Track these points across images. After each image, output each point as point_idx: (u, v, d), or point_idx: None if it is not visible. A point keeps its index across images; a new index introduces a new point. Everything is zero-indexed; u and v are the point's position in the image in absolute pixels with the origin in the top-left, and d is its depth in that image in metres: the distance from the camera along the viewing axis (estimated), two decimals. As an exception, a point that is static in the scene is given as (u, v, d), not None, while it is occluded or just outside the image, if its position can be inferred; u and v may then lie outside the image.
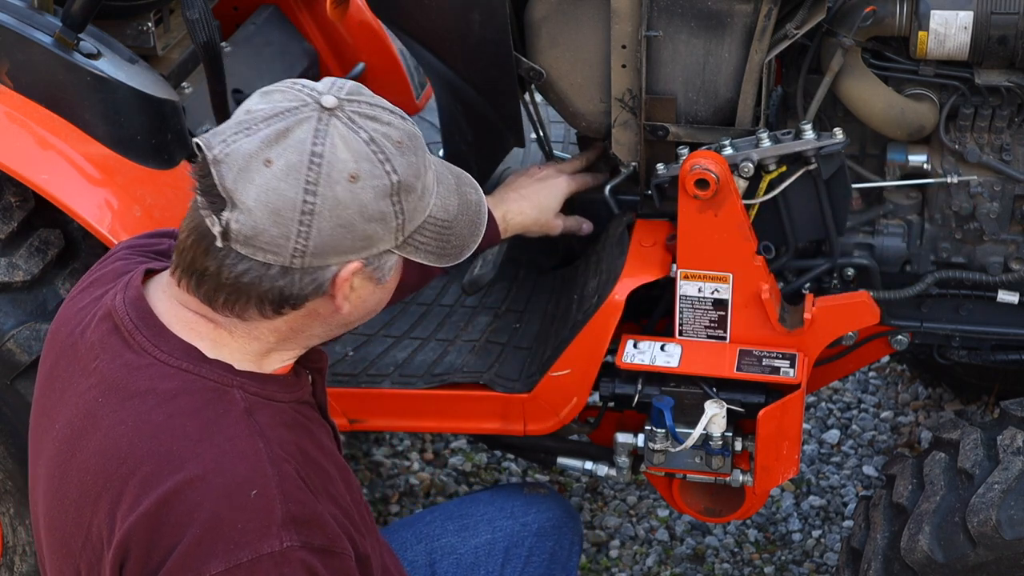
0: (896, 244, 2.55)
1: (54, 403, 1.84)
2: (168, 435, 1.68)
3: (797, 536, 3.46)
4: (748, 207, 2.39)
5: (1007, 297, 2.53)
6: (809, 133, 2.35)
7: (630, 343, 2.48)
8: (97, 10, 2.49)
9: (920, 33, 2.33)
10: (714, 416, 2.40)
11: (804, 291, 2.51)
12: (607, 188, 2.66)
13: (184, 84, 2.84)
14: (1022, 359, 2.67)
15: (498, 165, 2.81)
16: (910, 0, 2.36)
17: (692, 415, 2.43)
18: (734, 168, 2.34)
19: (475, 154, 2.73)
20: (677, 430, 2.42)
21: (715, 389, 2.45)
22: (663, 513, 3.53)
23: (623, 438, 2.58)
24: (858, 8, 2.37)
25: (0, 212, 2.51)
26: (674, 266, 2.45)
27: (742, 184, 2.36)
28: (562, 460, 2.71)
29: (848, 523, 3.47)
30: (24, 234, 2.53)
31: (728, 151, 2.35)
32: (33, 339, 2.48)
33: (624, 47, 2.43)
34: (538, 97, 2.76)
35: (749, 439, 2.47)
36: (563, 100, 2.55)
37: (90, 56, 2.50)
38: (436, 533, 2.46)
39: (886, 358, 3.96)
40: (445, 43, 2.56)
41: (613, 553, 3.42)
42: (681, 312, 2.47)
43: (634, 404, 2.50)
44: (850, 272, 2.55)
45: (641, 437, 2.51)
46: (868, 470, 3.65)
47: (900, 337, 2.65)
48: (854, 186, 2.48)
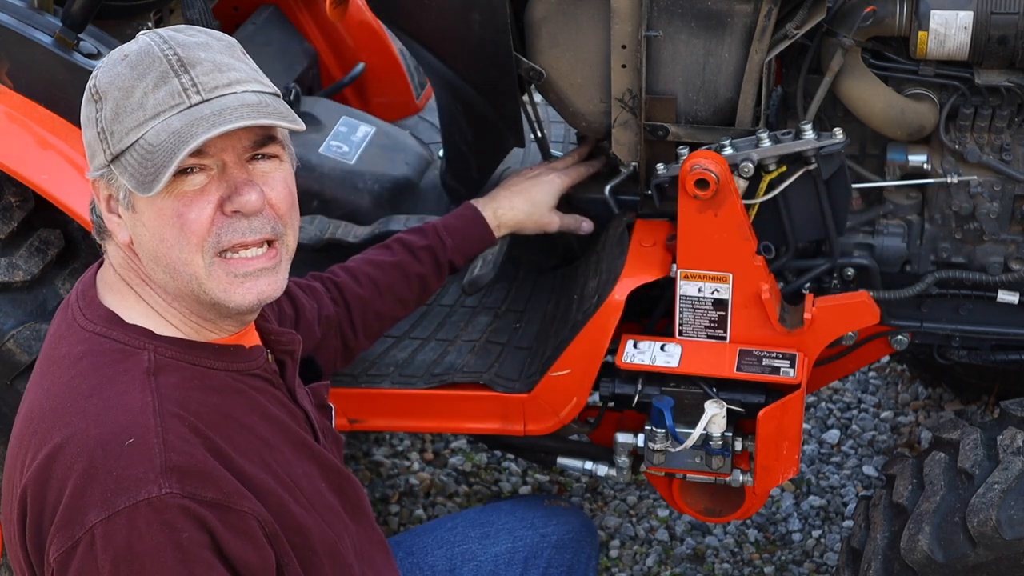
0: (896, 244, 2.55)
1: None
2: (66, 394, 1.72)
3: (797, 536, 3.46)
4: (748, 207, 2.39)
5: (1007, 297, 2.53)
6: (809, 133, 2.35)
7: (630, 343, 2.48)
8: (97, 10, 2.50)
9: (920, 33, 2.33)
10: (714, 416, 2.40)
11: (804, 291, 2.51)
12: (607, 188, 2.66)
13: (184, 84, 2.84)
14: (1022, 359, 2.67)
15: (498, 165, 2.81)
16: (910, 0, 2.36)
17: (692, 415, 2.43)
18: (734, 168, 2.34)
19: (475, 154, 2.73)
20: (677, 430, 2.42)
21: (715, 389, 2.45)
22: (663, 513, 3.53)
23: (623, 438, 2.58)
24: (858, 8, 2.37)
25: (0, 212, 2.51)
26: (674, 266, 2.45)
27: (742, 184, 2.36)
28: (562, 460, 2.71)
29: (848, 523, 3.46)
30: (24, 234, 2.54)
31: (728, 151, 2.35)
32: (33, 339, 2.48)
33: (624, 47, 2.43)
34: (538, 97, 2.77)
35: (749, 439, 2.47)
36: (563, 100, 2.55)
37: (90, 56, 2.50)
38: (457, 539, 2.47)
39: (886, 358, 3.96)
40: (445, 43, 2.56)
41: (613, 553, 3.42)
42: (681, 312, 2.47)
43: (634, 404, 2.50)
44: (850, 272, 2.55)
45: (641, 437, 2.51)
46: (868, 470, 3.65)
47: (900, 337, 2.65)
48: (854, 186, 2.48)
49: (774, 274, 2.48)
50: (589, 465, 2.67)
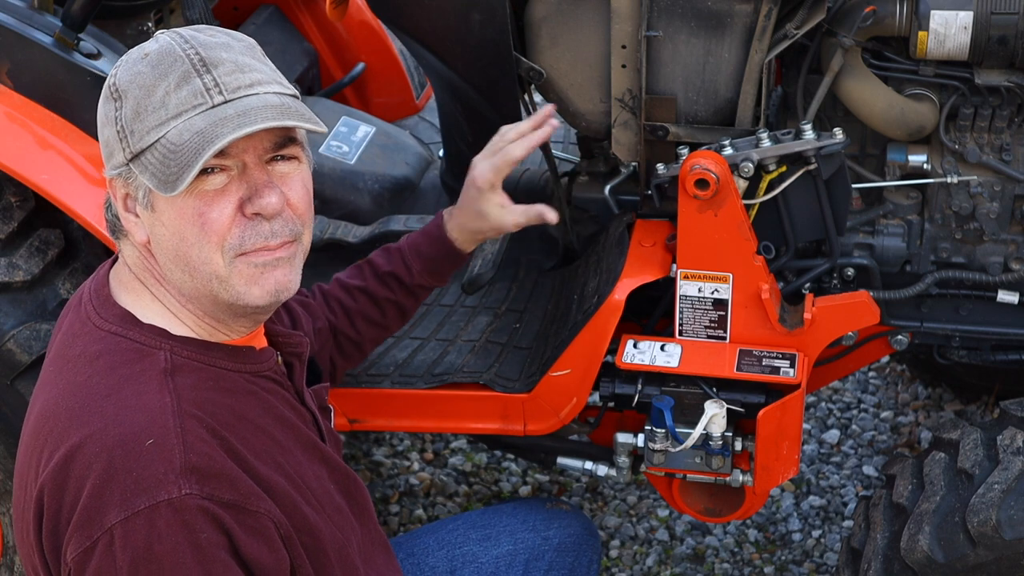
0: (896, 244, 2.55)
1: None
2: (82, 393, 1.71)
3: (797, 536, 3.46)
4: (748, 207, 2.39)
5: (1007, 297, 2.53)
6: (809, 133, 2.35)
7: (630, 343, 2.48)
8: (97, 10, 2.50)
9: (920, 33, 2.33)
10: (714, 416, 2.40)
11: (804, 291, 2.51)
12: (607, 188, 2.66)
13: (184, 84, 2.84)
14: (1022, 359, 2.68)
15: (498, 165, 2.80)
16: (910, 0, 2.36)
17: (692, 415, 2.43)
18: (734, 168, 2.34)
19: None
20: (677, 430, 2.42)
21: (715, 389, 2.45)
22: (663, 513, 3.53)
23: (623, 438, 2.58)
24: (858, 8, 2.37)
25: (0, 212, 2.51)
26: (674, 266, 2.45)
27: (742, 184, 2.36)
28: (562, 460, 2.71)
29: (848, 523, 3.47)
30: (24, 234, 2.54)
31: (728, 151, 2.35)
32: (33, 339, 2.48)
33: (624, 47, 2.43)
34: (538, 97, 2.76)
35: (749, 439, 2.47)
36: (563, 100, 2.55)
37: (90, 56, 2.50)
38: (459, 541, 2.47)
39: (886, 358, 3.96)
40: (445, 43, 2.56)
41: (613, 553, 3.42)
42: (681, 312, 2.47)
43: (634, 404, 2.50)
44: (850, 272, 2.55)
45: (641, 437, 2.51)
46: (868, 470, 3.65)
47: (900, 337, 2.65)
48: (854, 186, 2.48)
49: (774, 274, 2.48)
50: (589, 465, 2.67)
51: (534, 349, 2.65)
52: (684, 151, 2.43)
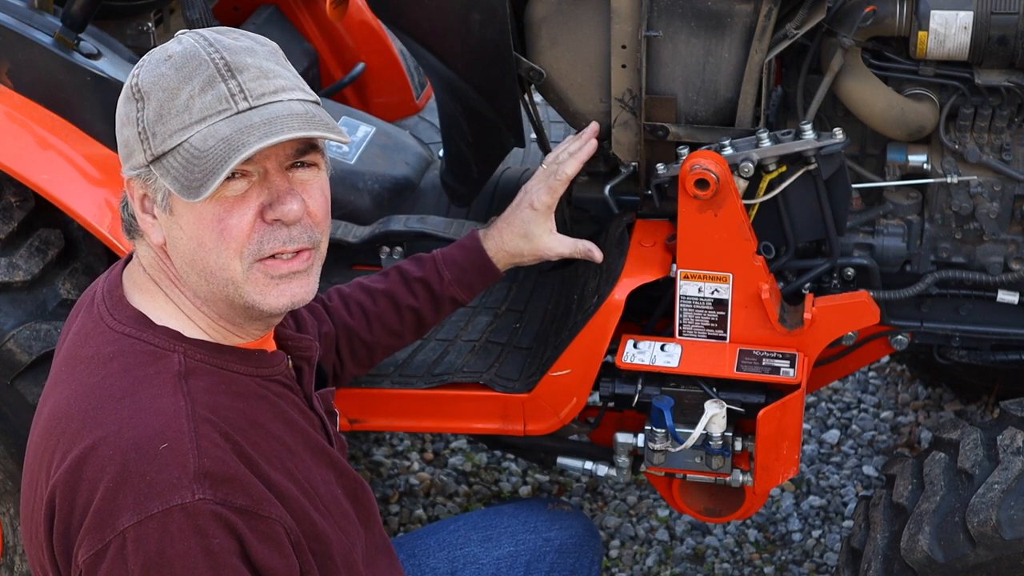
0: (896, 244, 2.55)
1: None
2: (96, 395, 1.71)
3: (797, 536, 3.46)
4: (748, 207, 2.39)
5: (1007, 297, 2.53)
6: (809, 133, 2.35)
7: (630, 343, 2.48)
8: (97, 10, 2.50)
9: (920, 33, 2.33)
10: (714, 416, 2.40)
11: (804, 291, 2.51)
12: (607, 188, 2.66)
13: (184, 84, 2.84)
14: (1022, 359, 2.68)
15: (498, 165, 2.81)
16: (910, 0, 2.36)
17: (692, 415, 2.43)
18: (734, 168, 2.34)
19: (475, 154, 2.73)
20: (677, 430, 2.42)
21: (715, 389, 2.45)
22: (663, 513, 3.53)
23: (623, 438, 2.58)
24: (858, 8, 2.37)
25: (0, 212, 2.51)
26: (674, 266, 2.45)
27: (742, 184, 2.36)
28: (562, 460, 2.71)
29: (848, 523, 3.47)
30: (24, 234, 2.54)
31: (728, 151, 2.35)
32: (33, 339, 2.48)
33: (624, 47, 2.43)
34: (538, 97, 2.76)
35: (749, 439, 2.47)
36: (563, 100, 2.55)
37: (90, 56, 2.50)
38: (460, 542, 2.47)
39: (886, 358, 3.96)
40: (445, 43, 2.56)
41: (613, 553, 3.42)
42: (681, 312, 2.47)
43: (634, 404, 2.50)
44: (850, 272, 2.55)
45: (641, 437, 2.51)
46: (868, 470, 3.65)
47: (900, 337, 2.65)
48: (854, 186, 2.48)
49: (774, 274, 2.48)
50: (589, 465, 2.67)
51: (534, 349, 2.65)
52: (684, 151, 2.43)
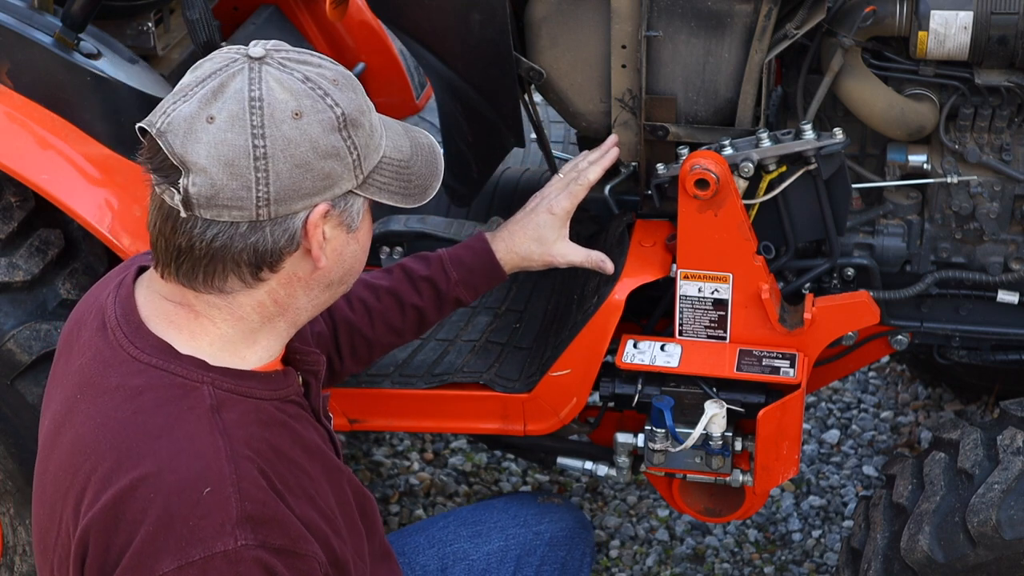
0: (896, 244, 2.55)
1: (49, 401, 1.86)
2: (130, 431, 1.68)
3: (797, 536, 3.46)
4: (748, 207, 2.39)
5: (1007, 297, 2.53)
6: (809, 133, 2.35)
7: (630, 343, 2.48)
8: (97, 10, 2.50)
9: (920, 33, 2.33)
10: (714, 416, 2.40)
11: (804, 291, 2.51)
12: (607, 188, 2.66)
13: (184, 84, 2.84)
14: (1022, 359, 2.68)
15: (498, 165, 2.81)
16: (910, 0, 2.36)
17: (692, 415, 2.43)
18: (734, 168, 2.34)
19: (475, 154, 2.73)
20: (677, 430, 2.42)
21: (715, 389, 2.45)
22: (663, 513, 3.53)
23: (623, 438, 2.58)
24: (858, 8, 2.37)
25: (0, 212, 2.51)
26: (674, 266, 2.45)
27: (742, 184, 2.36)
28: (562, 460, 2.71)
29: (848, 523, 3.47)
30: (24, 234, 2.53)
31: (728, 151, 2.35)
32: (33, 339, 2.48)
33: (624, 47, 2.43)
34: (538, 97, 2.76)
35: (749, 439, 2.47)
36: (563, 100, 2.55)
37: (90, 56, 2.50)
38: (449, 538, 2.46)
39: (886, 358, 3.96)
40: (445, 43, 2.56)
41: (613, 553, 3.42)
42: (681, 312, 2.47)
43: (634, 404, 2.50)
44: (850, 272, 2.55)
45: (641, 437, 2.51)
46: (868, 470, 3.65)
47: (900, 337, 2.65)
48: (854, 186, 2.48)
49: (774, 274, 2.48)
50: (589, 465, 2.67)
51: (534, 349, 2.65)
52: (684, 151, 2.43)
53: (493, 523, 2.49)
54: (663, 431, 2.43)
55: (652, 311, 2.59)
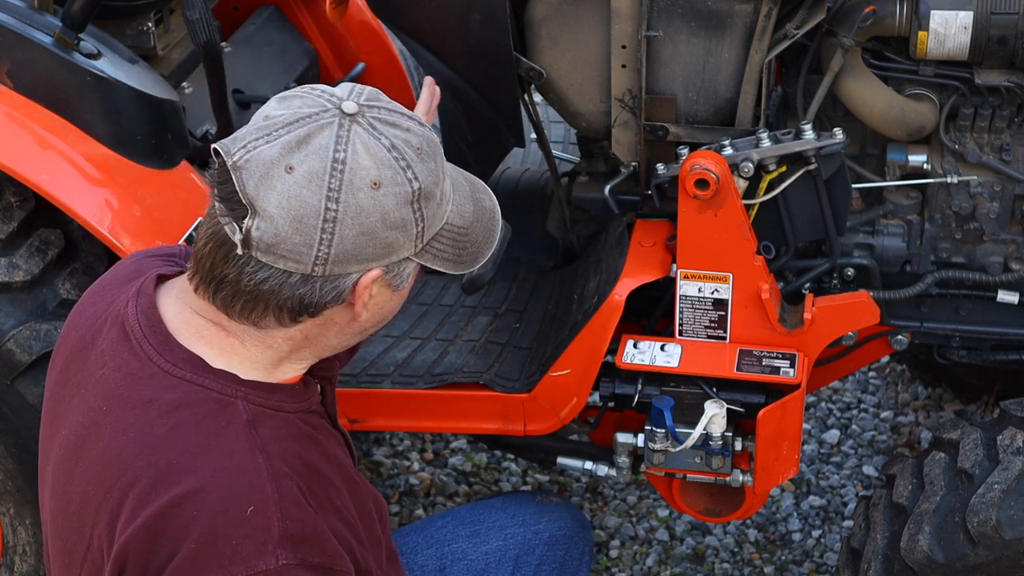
0: (896, 244, 2.55)
1: (63, 408, 1.83)
2: (168, 447, 1.67)
3: (797, 536, 3.46)
4: (748, 207, 2.39)
5: (1007, 297, 2.53)
6: (809, 133, 2.35)
7: (630, 343, 2.48)
8: (97, 10, 2.49)
9: (920, 33, 2.33)
10: (714, 416, 2.40)
11: (804, 291, 2.51)
12: (607, 188, 2.66)
13: (184, 84, 2.84)
14: (1022, 359, 2.68)
15: (498, 165, 2.81)
16: (910, 0, 2.36)
17: (692, 415, 2.43)
18: (734, 168, 2.34)
19: (475, 154, 2.73)
20: (677, 430, 2.42)
21: (715, 389, 2.45)
22: (663, 513, 3.53)
23: (623, 438, 2.58)
24: (858, 8, 2.37)
25: (0, 212, 2.51)
26: (674, 266, 2.45)
27: (742, 184, 2.36)
28: (562, 460, 2.71)
29: (848, 523, 3.47)
30: (24, 234, 2.53)
31: (728, 151, 2.35)
32: (33, 339, 2.48)
33: (624, 47, 2.43)
34: (538, 97, 2.76)
35: (749, 439, 2.47)
36: (563, 100, 2.55)
37: (90, 56, 2.50)
38: (447, 538, 2.46)
39: (886, 358, 3.96)
40: (445, 43, 2.56)
41: (613, 553, 3.42)
42: (681, 312, 2.47)
43: (634, 404, 2.50)
44: (850, 272, 2.55)
45: (641, 437, 2.51)
46: (868, 470, 3.65)
47: (900, 337, 2.65)
48: (854, 186, 2.48)
49: (774, 274, 2.48)
50: (589, 465, 2.67)
51: (534, 349, 2.65)
52: (684, 151, 2.43)
53: (491, 522, 2.49)
54: (663, 431, 2.43)
55: (652, 311, 2.59)
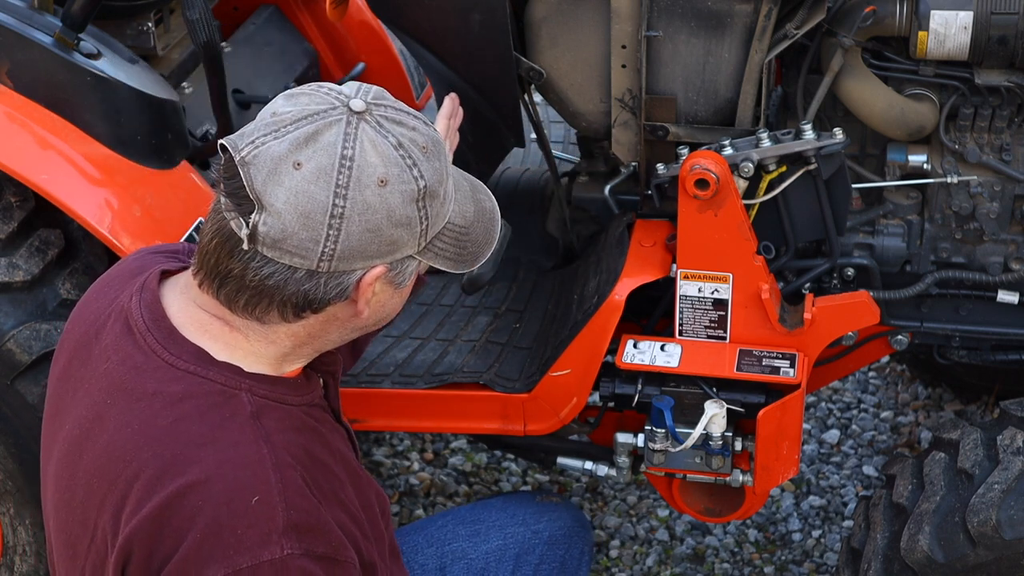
0: (896, 244, 2.55)
1: (66, 404, 1.84)
2: (173, 439, 1.68)
3: (797, 536, 3.46)
4: (748, 207, 2.39)
5: (1007, 297, 2.53)
6: (809, 133, 2.35)
7: (630, 343, 2.48)
8: (97, 10, 2.49)
9: (920, 33, 2.33)
10: (714, 416, 2.40)
11: (804, 291, 2.51)
12: (607, 188, 2.66)
13: (184, 84, 2.84)
14: (1022, 359, 2.68)
15: (498, 165, 2.81)
16: (910, 0, 2.36)
17: (692, 415, 2.43)
18: (734, 168, 2.34)
19: (475, 154, 2.73)
20: (677, 430, 2.42)
21: (715, 389, 2.45)
22: (663, 513, 3.53)
23: (623, 438, 2.58)
24: (858, 8, 2.37)
25: (0, 212, 2.51)
26: (674, 266, 2.45)
27: (742, 184, 2.36)
28: (562, 460, 2.71)
29: (848, 523, 3.47)
30: (24, 234, 2.53)
31: (728, 151, 2.35)
32: (33, 339, 2.48)
33: (624, 47, 2.43)
34: (538, 97, 2.76)
35: (749, 439, 2.47)
36: (563, 100, 2.55)
37: (90, 56, 2.50)
38: (448, 538, 2.46)
39: (886, 358, 3.96)
40: (445, 43, 2.56)
41: (613, 553, 3.42)
42: (681, 312, 2.47)
43: (634, 404, 2.50)
44: (850, 272, 2.55)
45: (641, 437, 2.51)
46: (868, 470, 3.65)
47: (900, 337, 2.65)
48: (854, 186, 2.48)
49: (774, 274, 2.48)
50: (589, 465, 2.67)
51: (534, 349, 2.65)
52: (684, 151, 2.43)
53: (492, 522, 2.49)
54: (663, 431, 2.43)
55: (652, 311, 2.59)
